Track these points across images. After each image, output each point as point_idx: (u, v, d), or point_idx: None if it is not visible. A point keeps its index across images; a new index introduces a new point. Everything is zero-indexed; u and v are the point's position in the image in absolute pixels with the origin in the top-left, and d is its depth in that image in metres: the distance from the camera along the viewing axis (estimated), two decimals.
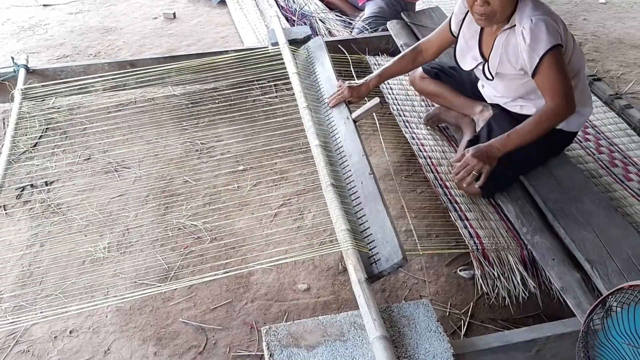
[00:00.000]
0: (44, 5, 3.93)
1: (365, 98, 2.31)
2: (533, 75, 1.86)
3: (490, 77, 2.05)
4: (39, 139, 2.51)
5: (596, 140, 2.43)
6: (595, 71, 3.06)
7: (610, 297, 1.28)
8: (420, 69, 2.40)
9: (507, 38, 1.91)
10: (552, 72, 1.82)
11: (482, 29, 2.04)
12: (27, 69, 2.68)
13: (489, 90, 2.17)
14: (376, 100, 2.14)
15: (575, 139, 2.39)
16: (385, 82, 2.66)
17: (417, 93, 2.59)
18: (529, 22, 1.80)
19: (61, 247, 1.97)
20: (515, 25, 1.86)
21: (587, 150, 2.37)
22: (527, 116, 1.98)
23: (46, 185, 2.26)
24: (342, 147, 2.11)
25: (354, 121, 2.15)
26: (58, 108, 2.69)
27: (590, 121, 2.52)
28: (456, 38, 2.14)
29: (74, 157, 2.42)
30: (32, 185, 2.25)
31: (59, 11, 3.84)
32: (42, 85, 2.62)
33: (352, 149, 2.04)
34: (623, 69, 3.19)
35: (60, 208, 2.15)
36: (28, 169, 2.33)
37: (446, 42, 2.22)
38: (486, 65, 2.05)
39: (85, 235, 2.03)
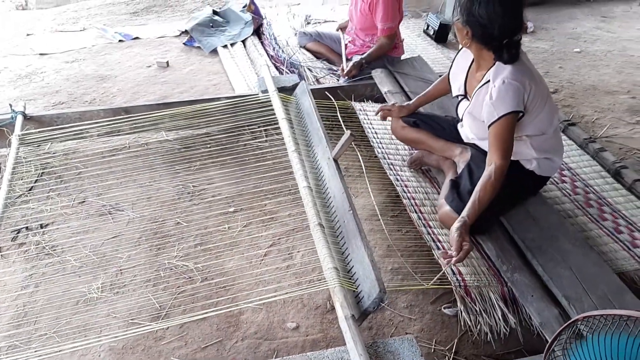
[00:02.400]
0: (40, 54, 4.05)
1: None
2: (488, 127, 1.99)
3: (461, 114, 2.20)
4: (35, 182, 2.57)
5: (572, 181, 2.54)
6: (571, 116, 3.21)
7: (563, 331, 1.36)
8: (400, 120, 2.56)
9: (482, 90, 2.05)
10: (504, 133, 1.95)
11: (470, 65, 2.18)
12: (25, 116, 2.77)
13: (466, 129, 2.29)
14: (347, 133, 2.26)
15: (552, 180, 2.52)
16: (372, 127, 2.80)
17: None
18: (501, 82, 1.94)
19: (55, 288, 2.02)
20: (489, 81, 2.00)
21: (564, 191, 2.48)
22: None
23: (41, 227, 2.32)
24: (327, 187, 2.20)
25: (335, 160, 2.26)
26: (54, 153, 2.77)
27: (566, 164, 2.64)
28: (453, 60, 2.31)
29: (69, 200, 2.48)
30: (27, 228, 2.31)
31: (55, 60, 3.97)
32: (39, 131, 2.71)
33: (335, 188, 2.13)
34: (597, 114, 3.34)
35: (54, 250, 2.20)
36: (24, 212, 2.39)
37: None
38: (464, 100, 2.19)
39: (79, 276, 2.07)
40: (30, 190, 2.53)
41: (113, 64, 3.92)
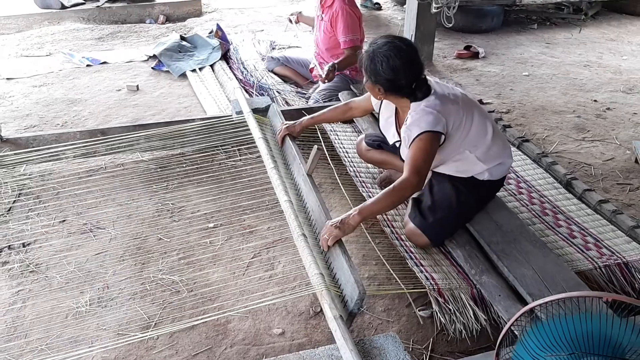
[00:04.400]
0: (7, 78, 4.06)
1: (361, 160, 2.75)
2: (408, 148, 2.15)
3: (404, 155, 2.35)
4: (13, 203, 2.59)
5: (528, 193, 2.76)
6: (524, 134, 3.45)
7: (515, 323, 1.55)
8: (364, 143, 2.75)
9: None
10: (418, 151, 2.10)
11: (396, 112, 2.36)
12: (1, 138, 2.79)
13: None
14: (315, 148, 2.41)
15: (510, 192, 2.73)
16: (342, 147, 2.97)
17: None
18: (415, 111, 2.15)
19: (43, 303, 2.05)
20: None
21: (521, 202, 2.68)
22: (454, 176, 2.31)
23: (24, 246, 2.34)
24: (305, 201, 2.33)
25: (309, 175, 2.40)
26: (30, 174, 2.80)
27: (522, 177, 2.86)
28: (378, 114, 2.49)
29: (49, 219, 2.51)
30: (9, 247, 2.33)
31: (23, 84, 3.98)
32: (15, 154, 2.74)
33: (312, 202, 2.26)
34: (547, 132, 3.61)
35: (39, 267, 2.23)
36: (4, 232, 2.41)
37: (370, 110, 2.61)
38: (401, 147, 2.37)
39: (66, 292, 2.11)
40: (9, 210, 2.55)
41: (82, 88, 3.96)
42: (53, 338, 1.91)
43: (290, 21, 4.20)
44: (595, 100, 4.13)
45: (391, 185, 2.11)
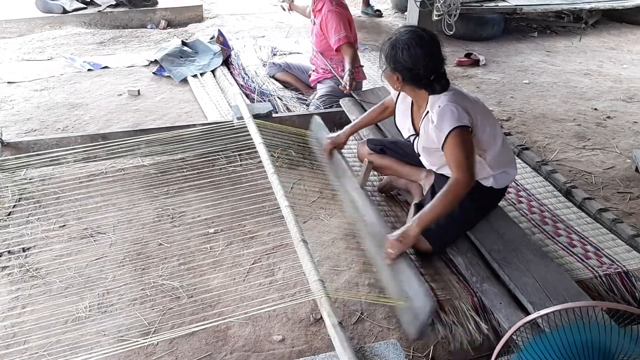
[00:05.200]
0: (8, 82, 4.06)
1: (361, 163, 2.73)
2: (442, 149, 2.15)
3: (418, 150, 2.38)
4: (13, 208, 2.59)
5: (528, 202, 2.76)
6: (524, 142, 3.46)
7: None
8: (366, 147, 2.74)
9: (425, 121, 2.23)
10: (455, 148, 2.08)
11: (412, 105, 2.36)
12: (2, 142, 2.79)
13: (425, 161, 2.47)
14: (366, 161, 2.47)
15: (510, 201, 2.73)
16: (342, 153, 2.96)
17: None
18: (437, 108, 2.13)
19: (43, 308, 2.04)
20: (429, 112, 2.20)
21: (521, 211, 2.68)
22: None
23: (23, 251, 2.34)
24: (363, 214, 2.37)
25: (362, 187, 2.47)
26: (30, 179, 2.80)
27: (521, 185, 2.87)
28: (394, 107, 2.48)
29: (49, 224, 2.51)
30: (9, 252, 2.32)
31: (24, 88, 3.98)
32: (16, 158, 2.74)
33: (370, 214, 2.32)
34: (548, 140, 3.61)
35: (39, 272, 2.22)
36: (4, 236, 2.40)
37: None
38: (417, 139, 2.37)
39: (66, 297, 2.11)
40: (9, 215, 2.54)
41: (83, 92, 3.96)
42: (52, 343, 1.90)
43: (283, 9, 4.22)
44: (595, 109, 4.14)
45: (443, 189, 2.08)
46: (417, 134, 2.36)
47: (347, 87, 3.37)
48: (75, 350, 1.87)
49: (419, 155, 2.45)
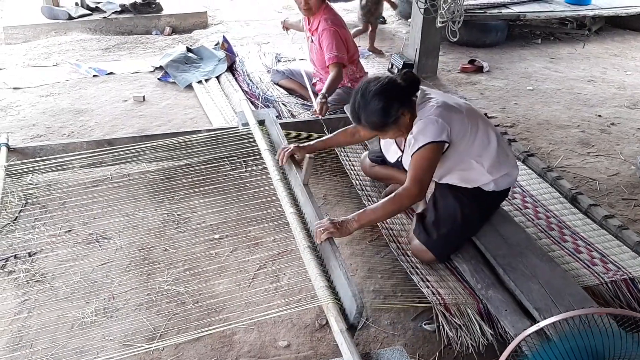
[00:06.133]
0: (14, 88, 4.08)
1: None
2: (411, 156, 2.16)
3: (406, 168, 2.37)
4: (19, 212, 2.60)
5: (534, 207, 2.76)
6: (529, 148, 3.46)
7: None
8: (368, 160, 2.77)
9: (409, 138, 2.22)
10: (422, 161, 2.13)
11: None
12: (8, 147, 2.80)
13: None
14: (307, 157, 2.42)
15: (516, 206, 2.73)
16: (347, 159, 2.99)
17: None
18: (420, 120, 2.16)
19: (49, 313, 2.05)
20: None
21: (527, 216, 2.68)
22: (458, 186, 2.31)
23: (29, 256, 2.34)
24: (304, 212, 2.32)
25: (305, 185, 2.40)
26: (36, 184, 2.81)
27: (527, 191, 2.87)
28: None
29: (55, 229, 2.52)
30: (15, 257, 2.33)
31: (30, 94, 4.00)
32: (22, 163, 2.75)
33: (310, 212, 2.25)
34: (552, 146, 3.61)
35: (44, 277, 2.23)
36: (10, 241, 2.41)
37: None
38: (403, 157, 2.39)
39: (72, 302, 2.11)
40: (15, 220, 2.55)
41: (89, 98, 3.98)
42: (58, 348, 1.90)
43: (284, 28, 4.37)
44: (599, 115, 4.14)
45: (391, 194, 2.13)
46: (402, 151, 2.38)
47: (317, 111, 3.35)
48: (81, 355, 1.88)
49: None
